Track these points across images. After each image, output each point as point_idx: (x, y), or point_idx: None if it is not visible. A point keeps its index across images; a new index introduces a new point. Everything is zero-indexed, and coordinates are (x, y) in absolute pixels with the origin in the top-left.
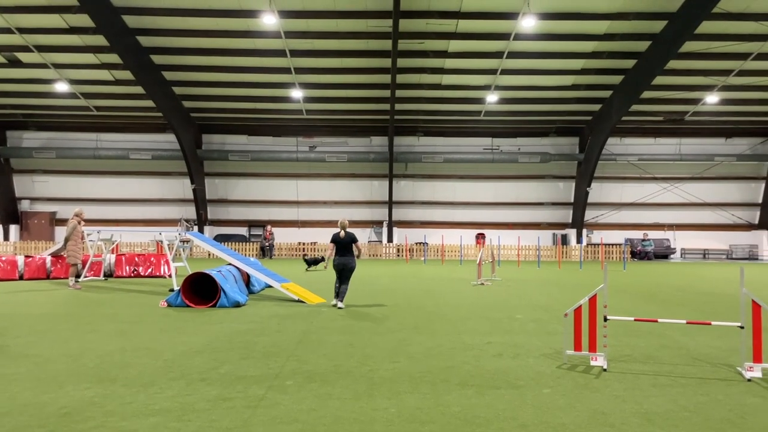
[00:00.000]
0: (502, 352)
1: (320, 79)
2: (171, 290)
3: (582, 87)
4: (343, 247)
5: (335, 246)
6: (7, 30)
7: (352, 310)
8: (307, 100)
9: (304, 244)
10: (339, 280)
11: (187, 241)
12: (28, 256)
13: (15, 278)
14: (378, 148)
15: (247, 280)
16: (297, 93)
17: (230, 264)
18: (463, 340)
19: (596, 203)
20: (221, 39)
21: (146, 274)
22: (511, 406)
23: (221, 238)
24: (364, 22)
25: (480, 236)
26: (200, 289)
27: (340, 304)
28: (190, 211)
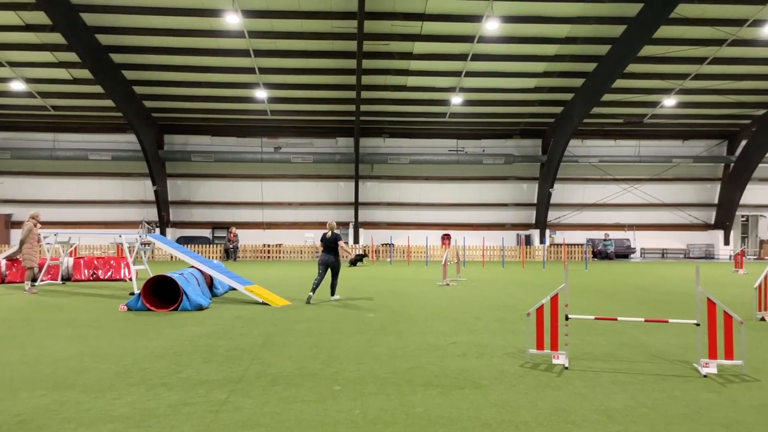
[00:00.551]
0: (466, 352)
1: (285, 80)
2: (131, 294)
3: (544, 90)
4: (328, 246)
5: (323, 245)
6: None
7: (317, 311)
8: (272, 100)
9: (269, 245)
10: (320, 275)
11: (148, 244)
12: None
13: None
14: (344, 149)
15: (210, 282)
16: (261, 93)
17: (193, 266)
18: (428, 340)
19: (559, 204)
20: (183, 38)
21: (106, 277)
22: (474, 405)
23: (184, 240)
24: (328, 23)
25: (445, 237)
26: (162, 293)
27: (334, 297)
28: (151, 213)
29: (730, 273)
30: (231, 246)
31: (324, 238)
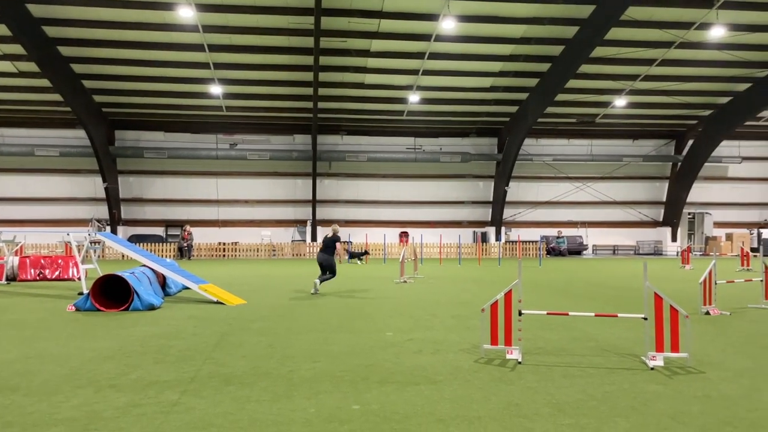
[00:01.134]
0: (422, 348)
1: (241, 75)
2: (80, 294)
3: (500, 89)
4: (326, 246)
5: (322, 244)
6: None
7: (273, 310)
8: (228, 96)
9: (224, 244)
10: (321, 272)
11: (98, 242)
12: None
13: None
14: (301, 146)
15: (162, 282)
16: (216, 89)
17: (145, 265)
18: (384, 337)
19: (514, 202)
20: (135, 31)
21: (53, 277)
22: (429, 401)
23: (136, 238)
24: (285, 18)
25: (403, 235)
26: (112, 292)
27: (316, 289)
28: (102, 211)
29: (678, 269)
30: (185, 244)
31: (324, 239)
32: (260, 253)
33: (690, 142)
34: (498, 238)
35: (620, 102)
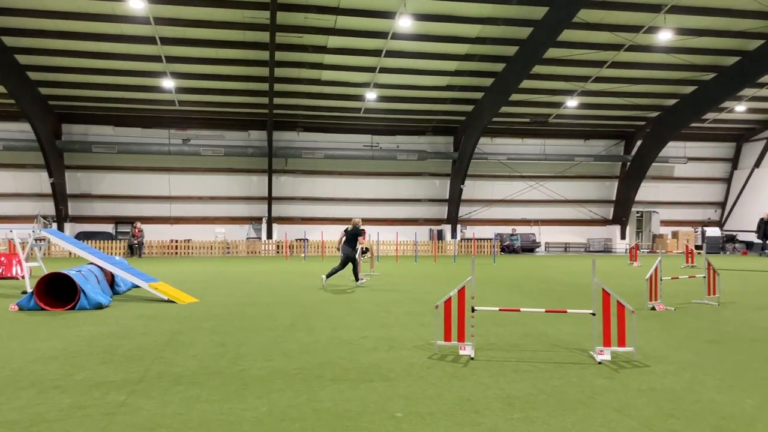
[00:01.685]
0: (376, 345)
1: (194, 69)
2: (24, 293)
3: (456, 88)
4: (347, 238)
5: (343, 236)
6: None
7: (226, 309)
8: (180, 90)
9: (177, 241)
10: (341, 265)
11: (43, 239)
12: None
13: None
14: (257, 142)
15: (111, 280)
16: (169, 83)
17: (92, 263)
18: (339, 335)
19: (469, 200)
20: (83, 22)
21: None
22: (382, 398)
23: (84, 235)
24: (240, 12)
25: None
26: (57, 291)
27: (323, 282)
28: (48, 207)
29: (626, 265)
30: (135, 242)
31: (345, 231)
32: (214, 250)
33: (638, 143)
34: (453, 236)
35: (572, 103)
